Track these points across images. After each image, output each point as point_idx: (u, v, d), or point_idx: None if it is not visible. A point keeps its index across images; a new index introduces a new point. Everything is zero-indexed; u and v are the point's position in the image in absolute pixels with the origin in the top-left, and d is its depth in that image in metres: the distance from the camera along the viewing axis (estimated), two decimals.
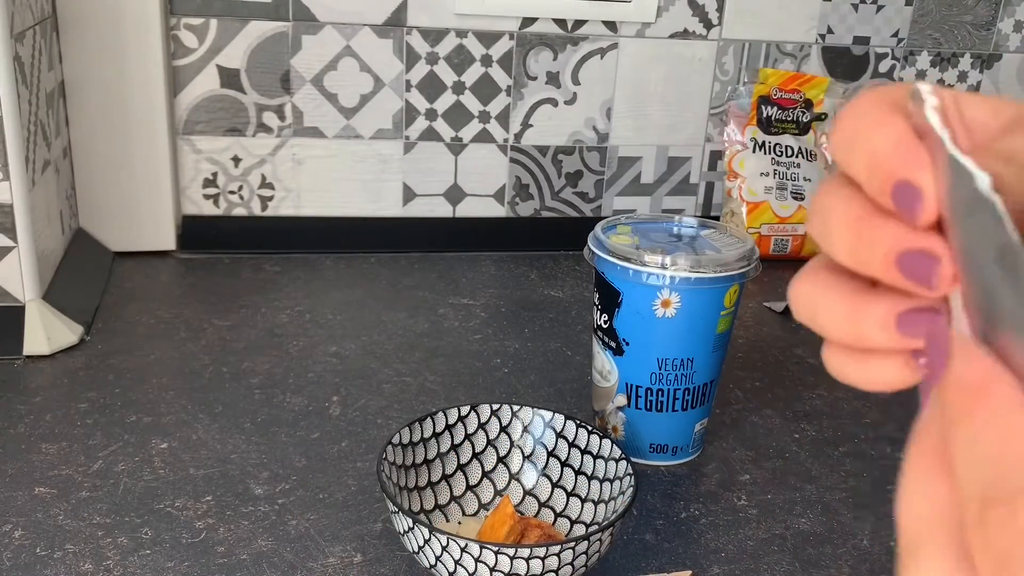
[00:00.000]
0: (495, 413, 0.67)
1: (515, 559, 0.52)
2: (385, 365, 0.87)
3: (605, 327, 0.72)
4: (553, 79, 1.17)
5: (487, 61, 1.15)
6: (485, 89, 1.16)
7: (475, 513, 0.65)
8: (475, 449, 0.66)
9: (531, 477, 0.66)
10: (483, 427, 0.66)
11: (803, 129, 1.25)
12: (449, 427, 0.65)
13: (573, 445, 0.66)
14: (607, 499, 0.62)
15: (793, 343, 0.97)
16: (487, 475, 0.66)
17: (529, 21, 1.14)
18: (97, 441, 0.72)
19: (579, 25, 1.16)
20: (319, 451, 0.73)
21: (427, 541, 0.53)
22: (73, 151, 1.05)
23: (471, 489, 0.66)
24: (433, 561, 0.54)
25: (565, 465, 0.66)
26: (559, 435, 0.66)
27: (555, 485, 0.66)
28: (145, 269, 1.07)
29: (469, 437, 0.66)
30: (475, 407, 0.66)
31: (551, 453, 0.66)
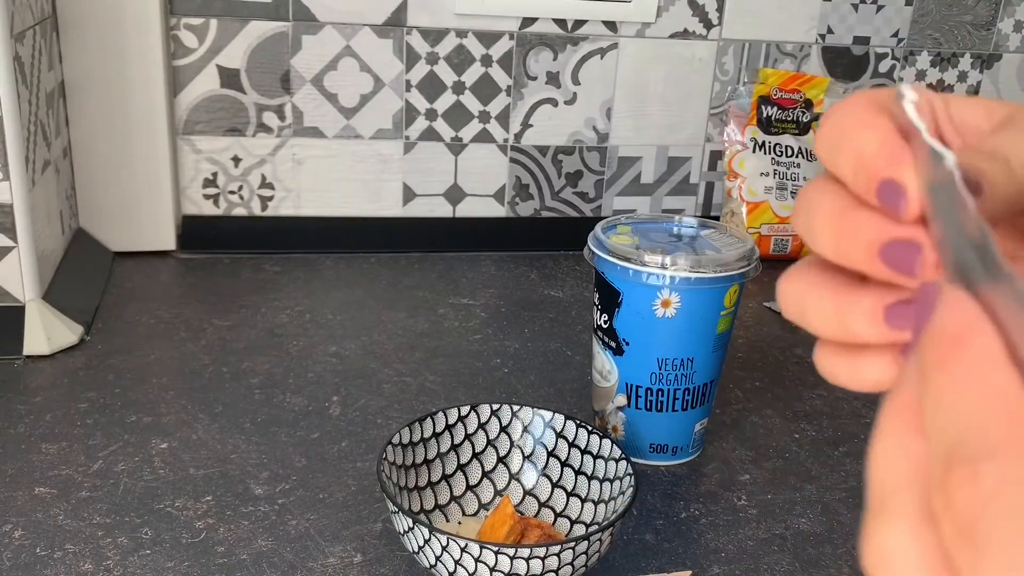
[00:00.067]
0: (495, 413, 0.67)
1: (515, 559, 0.52)
2: (385, 365, 0.87)
3: (605, 327, 0.72)
4: (553, 79, 1.17)
5: (487, 61, 1.15)
6: (485, 89, 1.16)
7: (475, 513, 0.65)
8: (475, 449, 0.66)
9: (531, 477, 0.66)
10: (483, 427, 0.66)
11: (803, 129, 1.25)
12: (449, 427, 0.65)
13: (573, 445, 0.66)
14: (607, 499, 0.62)
15: (793, 343, 0.97)
16: (487, 475, 0.66)
17: (529, 21, 1.14)
18: (97, 441, 0.72)
19: (579, 25, 1.16)
20: (319, 451, 0.73)
21: (427, 541, 0.53)
22: (73, 151, 1.05)
23: (471, 489, 0.66)
24: (433, 561, 0.54)
25: (565, 465, 0.66)
26: (559, 435, 0.66)
27: (555, 485, 0.66)
28: (145, 269, 1.07)
29: (469, 437, 0.66)
30: (475, 407, 0.66)
31: (551, 453, 0.66)
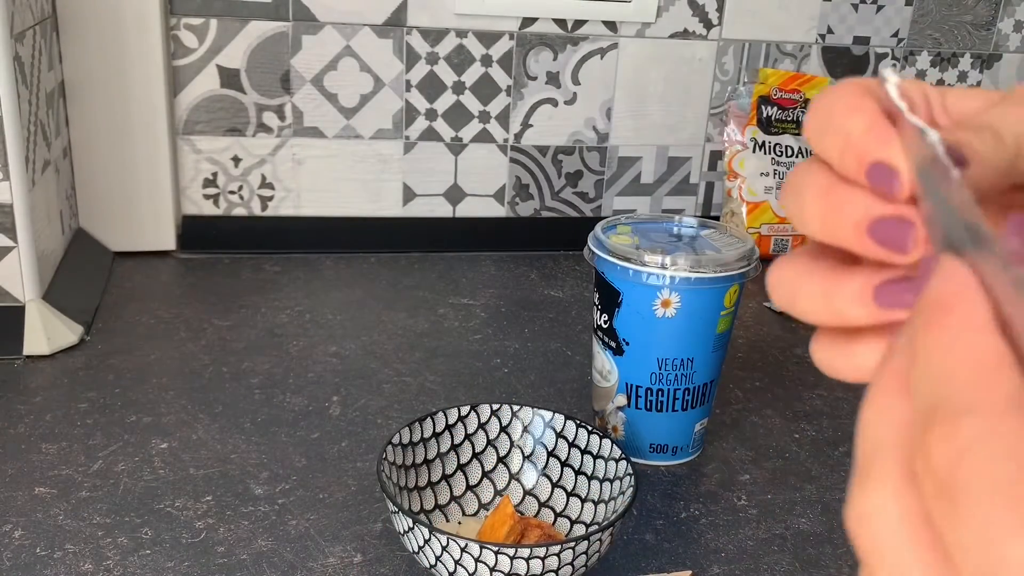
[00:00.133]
0: (495, 413, 0.67)
1: (515, 559, 0.52)
2: (385, 365, 0.87)
3: (605, 327, 0.72)
4: (553, 79, 1.17)
5: (487, 61, 1.15)
6: (485, 89, 1.16)
7: (475, 513, 0.65)
8: (475, 449, 0.66)
9: (531, 477, 0.66)
10: (483, 427, 0.66)
11: (803, 129, 1.25)
12: (449, 427, 0.65)
13: (573, 445, 0.66)
14: (607, 499, 0.62)
15: (793, 343, 0.97)
16: (487, 475, 0.66)
17: (529, 21, 1.14)
18: (97, 441, 0.72)
19: (579, 25, 1.16)
20: (319, 451, 0.73)
21: (427, 541, 0.53)
22: (73, 151, 1.05)
23: (471, 489, 0.66)
24: (433, 561, 0.54)
25: (565, 465, 0.66)
26: (559, 435, 0.66)
27: (555, 485, 0.66)
28: (145, 269, 1.07)
29: (469, 437, 0.66)
30: (475, 407, 0.66)
31: (551, 453, 0.66)
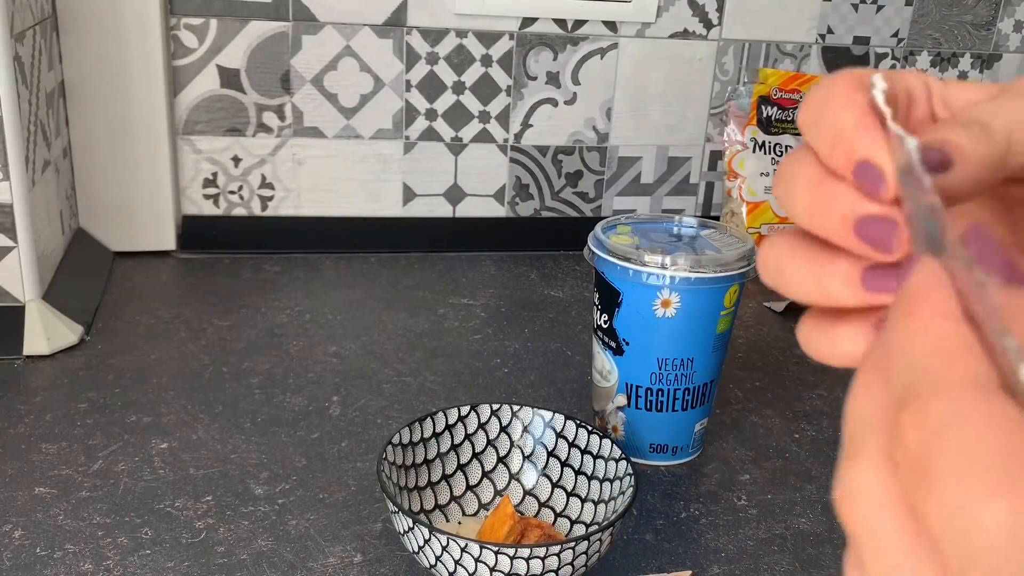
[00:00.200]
0: (495, 413, 0.67)
1: (515, 559, 0.52)
2: (385, 365, 0.87)
3: (605, 327, 0.72)
4: (553, 79, 1.17)
5: (487, 61, 1.15)
6: (485, 89, 1.16)
7: (475, 513, 0.65)
8: (475, 449, 0.66)
9: (531, 477, 0.66)
10: (483, 427, 0.66)
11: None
12: (449, 427, 0.65)
13: (573, 445, 0.66)
14: (607, 499, 0.62)
15: (793, 343, 0.97)
16: (487, 475, 0.66)
17: (529, 21, 1.14)
18: (97, 441, 0.72)
19: (579, 25, 1.16)
20: (319, 451, 0.73)
21: (427, 541, 0.53)
22: (73, 151, 1.05)
23: (471, 489, 0.66)
24: (433, 561, 0.54)
25: (565, 465, 0.66)
26: (559, 435, 0.66)
27: (555, 485, 0.66)
28: (145, 269, 1.07)
29: (469, 437, 0.66)
30: (475, 407, 0.66)
31: (551, 453, 0.66)
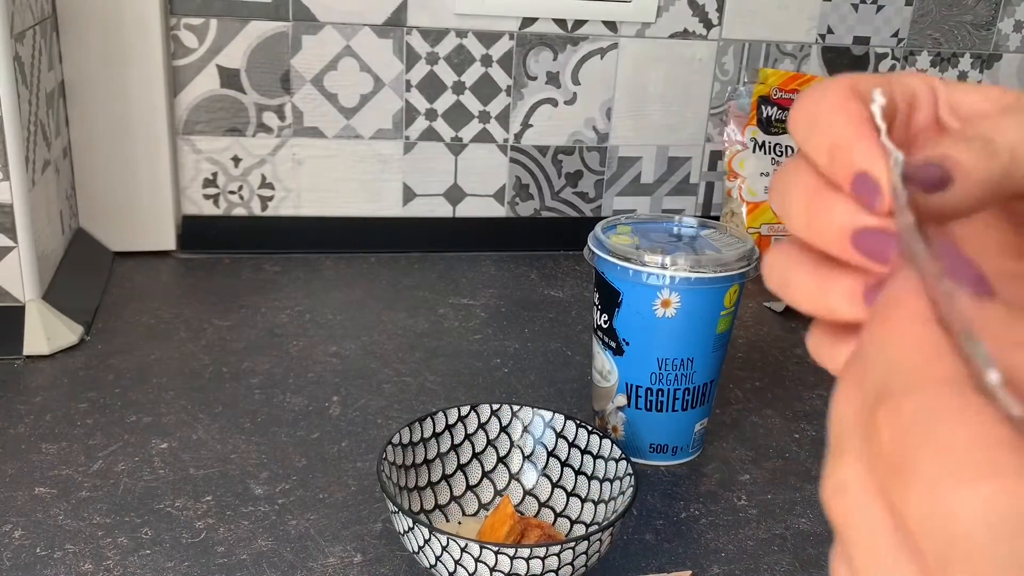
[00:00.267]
0: (495, 413, 0.67)
1: (515, 559, 0.52)
2: (385, 365, 0.87)
3: (605, 327, 0.72)
4: (553, 79, 1.17)
5: (487, 61, 1.15)
6: (485, 89, 1.16)
7: (475, 513, 0.65)
8: (475, 449, 0.66)
9: (531, 477, 0.66)
10: (483, 427, 0.66)
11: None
12: (449, 427, 0.65)
13: (573, 445, 0.66)
14: (607, 499, 0.62)
15: (793, 343, 0.97)
16: (487, 475, 0.66)
17: (529, 21, 1.14)
18: (97, 441, 0.72)
19: (579, 25, 1.16)
20: (319, 451, 0.73)
21: (427, 541, 0.53)
22: (73, 151, 1.05)
23: (471, 489, 0.66)
24: (433, 561, 0.54)
25: (565, 465, 0.66)
26: (559, 435, 0.66)
27: (555, 485, 0.66)
28: (145, 269, 1.07)
29: (469, 437, 0.66)
30: (475, 407, 0.66)
31: (551, 453, 0.66)
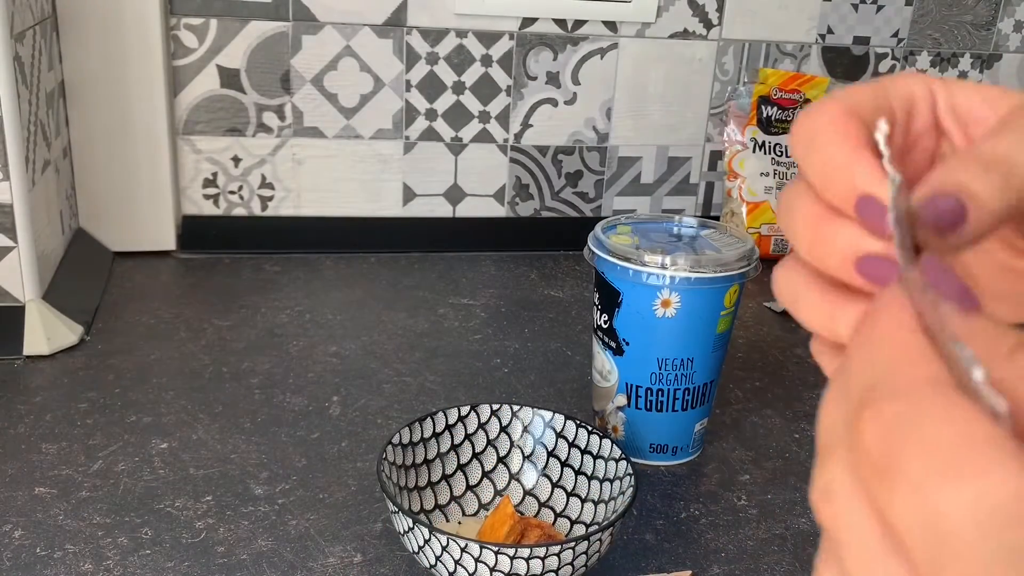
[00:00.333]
0: (495, 413, 0.67)
1: (515, 559, 0.52)
2: (385, 365, 0.87)
3: (605, 327, 0.72)
4: (553, 79, 1.17)
5: (487, 61, 1.15)
6: (485, 89, 1.16)
7: (475, 513, 0.65)
8: (475, 449, 0.66)
9: (531, 477, 0.66)
10: (483, 427, 0.66)
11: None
12: (449, 427, 0.65)
13: (573, 445, 0.66)
14: (607, 499, 0.62)
15: (793, 343, 0.97)
16: (487, 475, 0.66)
17: (529, 21, 1.14)
18: (97, 441, 0.72)
19: (579, 25, 1.16)
20: (319, 451, 0.73)
21: (427, 541, 0.53)
22: (73, 151, 1.05)
23: (471, 489, 0.66)
24: (433, 561, 0.54)
25: (565, 465, 0.66)
26: (559, 435, 0.66)
27: (555, 485, 0.66)
28: (145, 269, 1.07)
29: (469, 437, 0.66)
30: (475, 407, 0.66)
31: (551, 453, 0.66)
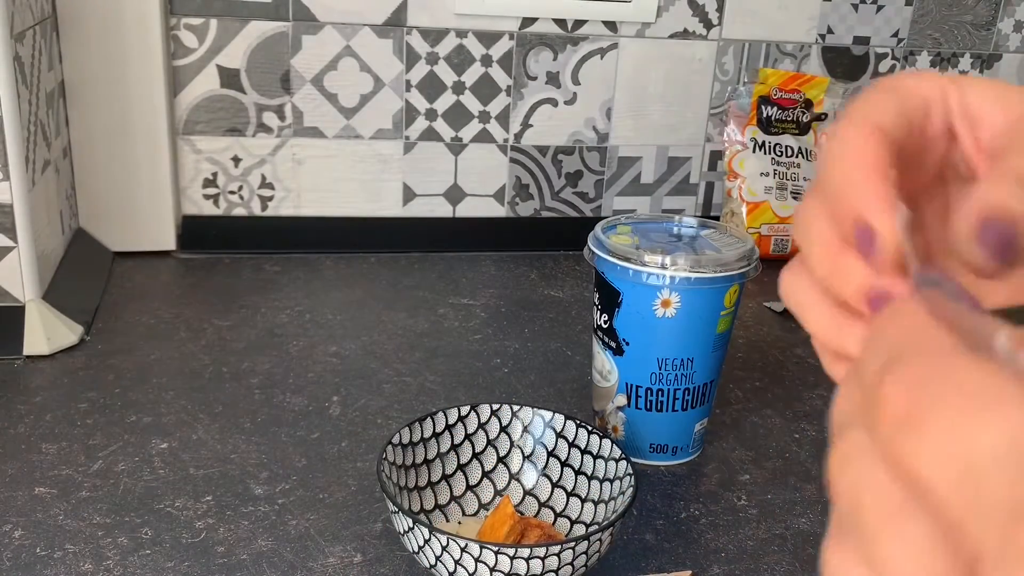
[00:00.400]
0: (495, 413, 0.67)
1: (515, 559, 0.52)
2: (385, 365, 0.87)
3: (605, 327, 0.72)
4: (553, 79, 1.17)
5: (487, 61, 1.15)
6: (485, 89, 1.16)
7: (475, 513, 0.65)
8: (475, 449, 0.66)
9: (531, 477, 0.66)
10: (483, 427, 0.66)
11: (803, 129, 1.25)
12: (449, 427, 0.65)
13: (573, 445, 0.65)
14: (607, 499, 0.62)
15: (793, 343, 0.97)
16: (487, 475, 0.66)
17: (529, 21, 1.14)
18: (97, 441, 0.72)
19: (579, 25, 1.16)
20: (319, 451, 0.73)
21: (427, 541, 0.53)
22: (73, 151, 1.05)
23: (471, 489, 0.66)
24: (433, 561, 0.54)
25: (565, 465, 0.66)
26: (559, 435, 0.66)
27: (555, 485, 0.66)
28: (145, 269, 1.07)
29: (469, 437, 0.66)
30: (475, 407, 0.66)
31: (551, 453, 0.66)
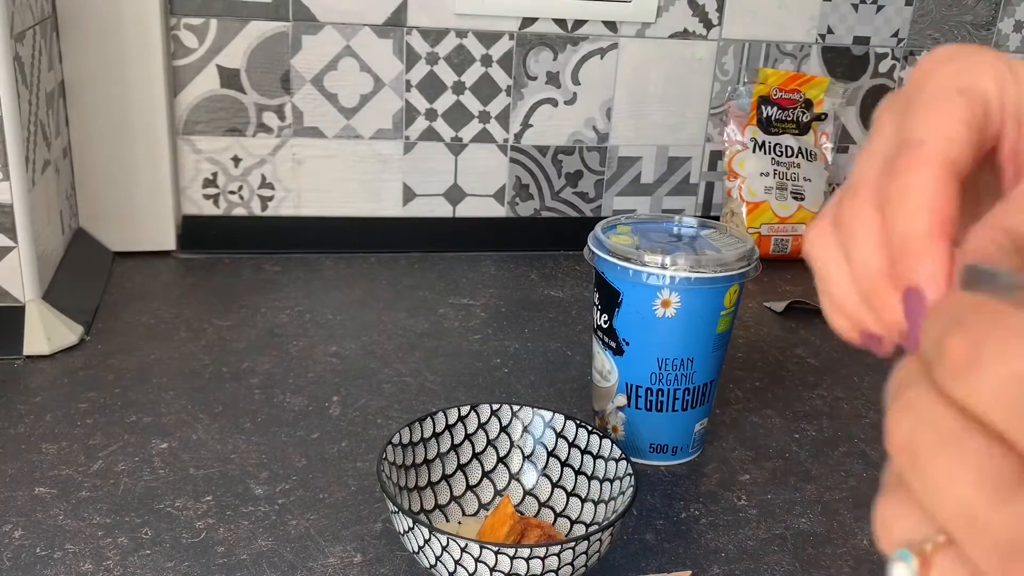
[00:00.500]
0: (495, 413, 0.67)
1: (515, 559, 0.52)
2: (385, 365, 0.87)
3: (605, 327, 0.72)
4: (553, 79, 1.17)
5: (487, 61, 1.15)
6: (485, 89, 1.16)
7: (475, 513, 0.65)
8: (475, 449, 0.66)
9: (531, 477, 0.66)
10: (483, 427, 0.66)
11: (803, 129, 1.25)
12: (449, 427, 0.65)
13: (573, 445, 0.66)
14: (607, 499, 0.62)
15: (793, 343, 0.97)
16: (487, 475, 0.66)
17: (529, 21, 1.14)
18: (97, 441, 0.72)
19: (579, 25, 1.16)
20: (319, 451, 0.73)
21: (427, 541, 0.53)
22: (73, 151, 1.05)
23: (471, 489, 0.66)
24: (433, 561, 0.54)
25: (565, 465, 0.66)
26: (559, 435, 0.66)
27: (555, 485, 0.66)
28: (145, 269, 1.07)
29: (469, 437, 0.66)
30: (475, 407, 0.66)
31: (551, 453, 0.66)
